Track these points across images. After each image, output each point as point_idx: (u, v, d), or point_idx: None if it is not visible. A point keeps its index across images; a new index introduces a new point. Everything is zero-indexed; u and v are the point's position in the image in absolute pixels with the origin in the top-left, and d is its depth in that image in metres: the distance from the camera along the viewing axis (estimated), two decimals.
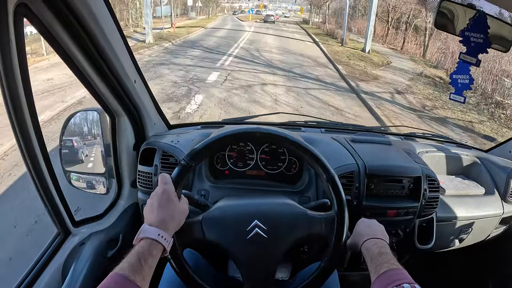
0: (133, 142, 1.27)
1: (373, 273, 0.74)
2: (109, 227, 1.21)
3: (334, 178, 0.88)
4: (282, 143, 0.92)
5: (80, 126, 1.23)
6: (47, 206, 0.97)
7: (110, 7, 0.90)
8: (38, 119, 0.84)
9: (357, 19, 24.50)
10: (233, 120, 1.72)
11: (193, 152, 0.85)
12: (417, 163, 1.29)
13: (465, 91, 1.30)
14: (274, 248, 0.84)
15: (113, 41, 0.94)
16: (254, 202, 0.93)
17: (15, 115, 0.78)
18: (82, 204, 2.27)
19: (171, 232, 0.77)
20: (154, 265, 0.70)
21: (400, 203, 1.23)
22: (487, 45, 1.18)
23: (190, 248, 1.06)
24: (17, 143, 0.84)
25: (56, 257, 1.02)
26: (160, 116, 1.41)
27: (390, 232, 1.27)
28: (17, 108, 0.77)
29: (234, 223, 0.85)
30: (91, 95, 1.05)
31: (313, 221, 0.88)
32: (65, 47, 0.85)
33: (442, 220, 1.39)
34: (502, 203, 1.50)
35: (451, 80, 1.33)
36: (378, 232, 0.86)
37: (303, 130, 1.59)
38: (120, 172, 1.28)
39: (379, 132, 1.70)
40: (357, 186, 1.19)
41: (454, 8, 1.21)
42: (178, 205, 0.80)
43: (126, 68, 1.04)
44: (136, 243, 0.72)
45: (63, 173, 1.20)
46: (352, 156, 1.26)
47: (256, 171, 1.33)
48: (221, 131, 0.91)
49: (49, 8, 0.74)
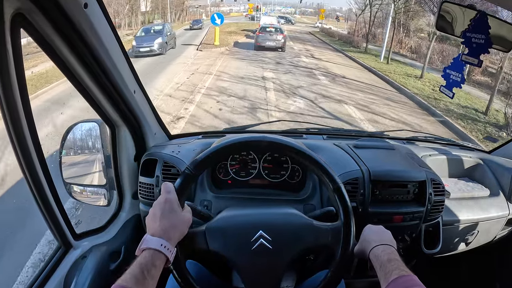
0: (134, 153, 1.26)
1: (383, 280, 0.72)
2: (111, 240, 1.19)
3: (341, 188, 0.86)
4: (288, 152, 0.91)
5: (80, 137, 1.21)
6: (47, 220, 0.95)
7: (108, 17, 0.90)
8: (36, 130, 0.83)
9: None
10: (234, 129, 1.70)
11: (197, 161, 0.84)
12: (421, 167, 1.28)
13: (455, 87, 1.29)
14: (279, 259, 0.82)
15: (111, 51, 0.93)
16: (259, 212, 0.92)
17: (12, 125, 0.77)
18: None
19: (174, 242, 0.75)
20: (158, 276, 0.69)
21: (405, 208, 1.21)
22: (489, 46, 1.17)
23: (194, 259, 1.05)
24: (15, 154, 0.83)
25: (57, 271, 1.00)
26: (160, 126, 1.40)
27: (397, 238, 1.25)
28: (14, 119, 0.76)
29: (238, 234, 0.84)
30: (90, 106, 1.04)
31: (319, 231, 0.86)
32: (63, 57, 0.85)
33: (448, 224, 1.38)
34: (508, 204, 1.49)
35: (443, 73, 1.32)
36: (386, 238, 0.84)
37: (305, 138, 1.58)
38: (121, 184, 1.27)
39: (381, 137, 1.69)
40: (362, 193, 1.17)
41: (454, 10, 1.20)
42: (181, 214, 0.78)
43: (125, 79, 1.03)
44: (138, 253, 0.70)
45: (64, 185, 1.18)
46: (356, 162, 1.25)
47: (259, 180, 1.32)
48: (223, 140, 0.89)
49: (46, 18, 0.74)
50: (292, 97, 7.83)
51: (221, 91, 8.07)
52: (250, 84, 8.97)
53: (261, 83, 9.08)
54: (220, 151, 0.87)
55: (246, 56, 14.14)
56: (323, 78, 10.43)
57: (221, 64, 11.83)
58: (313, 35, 28.69)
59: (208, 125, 5.69)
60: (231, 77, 9.76)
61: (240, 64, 12.14)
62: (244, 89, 8.31)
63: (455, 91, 1.31)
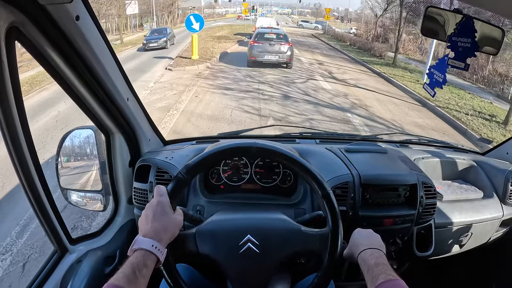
0: (129, 159, 1.28)
1: (370, 284, 0.74)
2: (107, 244, 1.22)
3: (330, 195, 0.88)
4: (277, 158, 0.93)
5: (76, 144, 1.24)
6: (43, 224, 0.97)
7: (100, 28, 0.93)
8: (32, 138, 0.86)
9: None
10: (228, 134, 1.72)
11: (189, 166, 0.86)
12: (413, 170, 1.29)
13: (436, 87, 1.31)
14: (266, 263, 0.84)
15: (104, 60, 0.96)
16: (248, 216, 0.94)
17: (9, 135, 0.79)
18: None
19: (165, 243, 0.77)
20: (149, 276, 0.72)
21: (396, 211, 1.22)
22: (475, 49, 1.19)
23: (185, 262, 1.06)
24: (12, 162, 0.85)
25: (53, 275, 1.02)
26: (155, 132, 1.42)
27: (388, 241, 1.26)
28: (11, 129, 0.79)
29: (227, 237, 0.86)
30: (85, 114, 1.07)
31: (307, 237, 0.88)
32: (57, 67, 0.87)
33: (440, 226, 1.39)
34: (502, 206, 1.50)
35: (428, 72, 1.34)
36: (374, 242, 0.86)
37: (298, 142, 1.59)
38: (116, 189, 1.29)
39: (374, 141, 1.70)
40: (352, 197, 1.18)
41: (440, 14, 1.22)
42: (173, 217, 0.81)
43: (119, 87, 1.06)
44: (130, 254, 0.73)
45: (60, 190, 1.21)
46: (347, 167, 1.26)
47: (251, 185, 1.33)
48: (216, 146, 0.92)
49: (39, 30, 0.76)
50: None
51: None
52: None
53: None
54: (211, 157, 0.89)
55: (234, 81, 9.40)
56: (373, 130, 6.06)
57: (191, 99, 7.48)
58: (318, 39, 25.62)
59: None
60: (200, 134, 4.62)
61: (221, 100, 7.49)
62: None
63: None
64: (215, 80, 9.52)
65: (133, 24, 28.82)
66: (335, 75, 11.52)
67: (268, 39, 11.41)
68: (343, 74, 11.81)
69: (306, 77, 10.75)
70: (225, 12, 66.34)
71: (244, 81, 9.57)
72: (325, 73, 11.73)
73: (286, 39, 11.67)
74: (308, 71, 11.87)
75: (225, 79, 9.73)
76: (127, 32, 27.04)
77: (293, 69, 11.67)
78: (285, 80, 9.89)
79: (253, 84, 9.24)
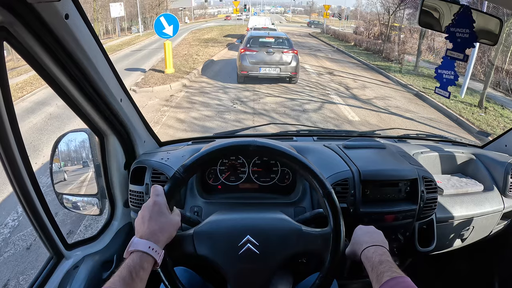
0: (124, 161, 1.26)
1: (375, 283, 0.72)
2: (103, 249, 1.19)
3: (331, 194, 0.85)
4: (276, 157, 0.90)
5: (70, 147, 1.21)
6: (38, 230, 0.95)
7: (91, 26, 0.90)
8: (22, 141, 0.84)
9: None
10: (224, 133, 1.69)
11: (186, 165, 0.84)
12: (412, 165, 1.27)
13: (449, 86, 1.29)
14: (266, 264, 0.82)
15: (95, 60, 0.93)
16: (247, 216, 0.91)
17: None
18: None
19: (162, 244, 0.75)
20: (146, 278, 0.69)
21: (397, 207, 1.21)
22: (474, 40, 1.17)
23: (184, 264, 1.04)
24: (3, 166, 0.83)
25: (49, 281, 1.00)
26: (150, 133, 1.40)
27: (390, 237, 1.24)
28: (0, 132, 0.76)
29: (225, 238, 0.83)
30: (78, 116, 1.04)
31: (308, 237, 0.85)
32: (47, 68, 0.85)
33: (442, 221, 1.37)
34: (502, 198, 1.49)
35: (436, 74, 1.32)
36: (377, 238, 0.84)
37: (295, 140, 1.57)
38: (112, 192, 1.26)
39: (372, 137, 1.68)
40: (352, 193, 1.17)
41: (437, 5, 1.20)
42: (170, 217, 0.78)
43: (111, 87, 1.03)
44: (126, 256, 0.71)
45: (55, 195, 1.18)
46: (346, 163, 1.24)
47: (249, 184, 1.31)
48: (212, 145, 0.90)
49: (28, 30, 0.74)
50: None
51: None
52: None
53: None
54: (208, 156, 0.87)
55: (217, 112, 6.47)
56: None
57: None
58: (318, 39, 23.29)
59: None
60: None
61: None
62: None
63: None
64: (188, 112, 6.44)
65: (120, 27, 27.99)
66: (354, 91, 8.66)
67: (264, 45, 8.54)
68: (364, 89, 9.02)
69: (318, 98, 7.65)
70: (217, 12, 65.43)
71: (232, 111, 6.55)
72: (340, 88, 8.89)
73: (289, 45, 8.80)
74: (318, 86, 8.93)
75: (204, 108, 6.71)
76: (114, 36, 26.16)
77: (299, 84, 8.83)
78: (291, 105, 6.95)
79: (245, 116, 6.29)
